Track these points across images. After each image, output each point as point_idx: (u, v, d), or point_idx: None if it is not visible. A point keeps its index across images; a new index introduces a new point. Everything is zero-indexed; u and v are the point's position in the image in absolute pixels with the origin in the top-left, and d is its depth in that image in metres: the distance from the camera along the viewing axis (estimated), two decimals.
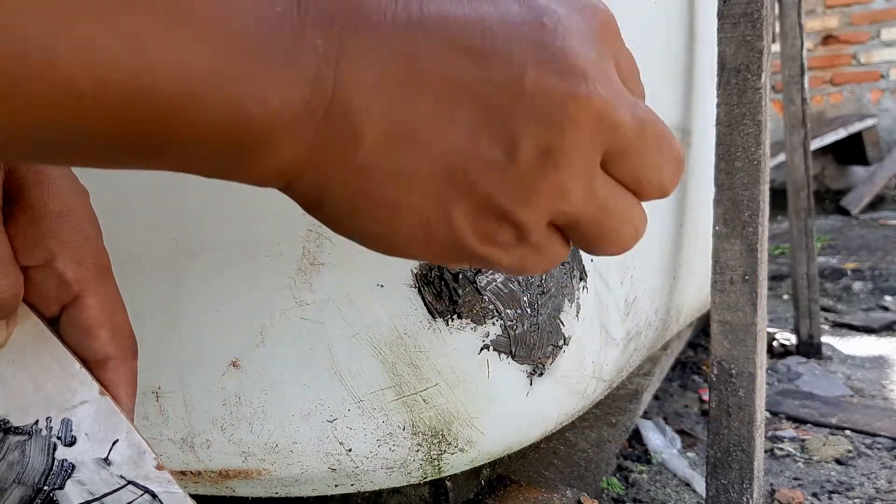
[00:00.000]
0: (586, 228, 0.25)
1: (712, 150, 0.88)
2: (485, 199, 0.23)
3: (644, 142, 0.24)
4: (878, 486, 1.09)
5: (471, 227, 0.24)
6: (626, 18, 0.72)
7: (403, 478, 0.57)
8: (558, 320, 0.57)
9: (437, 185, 0.23)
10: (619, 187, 0.26)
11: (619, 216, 0.26)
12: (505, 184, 0.23)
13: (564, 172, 0.23)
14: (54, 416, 0.30)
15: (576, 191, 0.24)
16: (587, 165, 0.24)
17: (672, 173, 0.26)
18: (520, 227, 0.24)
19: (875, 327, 2.05)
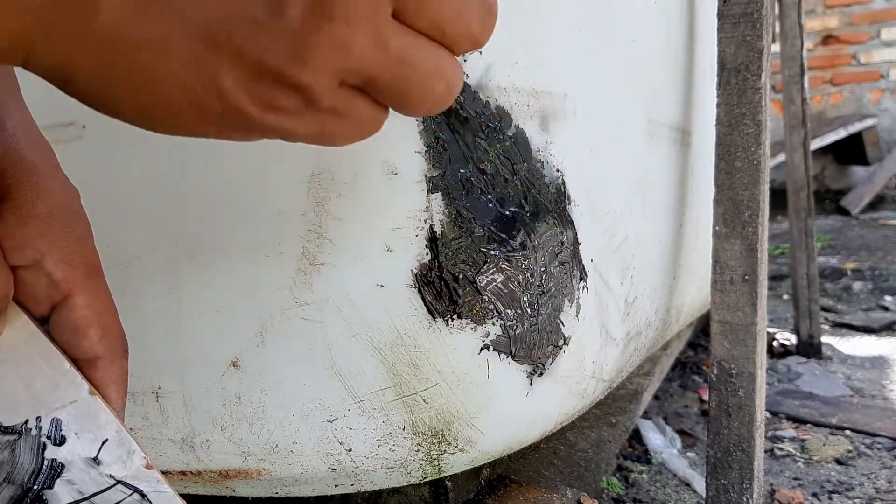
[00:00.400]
0: (387, 86, 0.23)
1: (712, 151, 0.88)
2: (255, 61, 0.21)
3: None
4: (878, 486, 1.09)
5: (245, 93, 0.22)
6: (626, 18, 0.72)
7: (403, 478, 0.57)
8: (558, 320, 0.57)
9: (196, 51, 0.21)
10: (421, 38, 0.23)
11: (424, 69, 0.23)
12: (274, 43, 0.21)
13: (340, 24, 0.21)
14: (44, 416, 0.30)
15: (360, 44, 0.21)
16: (369, 14, 0.21)
17: (480, 17, 0.24)
18: (303, 90, 0.22)
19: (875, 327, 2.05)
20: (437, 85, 0.24)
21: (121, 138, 0.54)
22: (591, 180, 0.62)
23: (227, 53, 0.21)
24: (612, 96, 0.68)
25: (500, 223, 0.53)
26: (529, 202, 0.55)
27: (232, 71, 0.21)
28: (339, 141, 0.25)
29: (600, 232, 0.64)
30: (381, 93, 0.24)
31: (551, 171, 0.57)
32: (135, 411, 0.57)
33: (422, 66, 0.23)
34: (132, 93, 0.22)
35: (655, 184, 0.82)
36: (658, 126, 0.81)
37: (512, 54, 0.54)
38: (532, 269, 0.54)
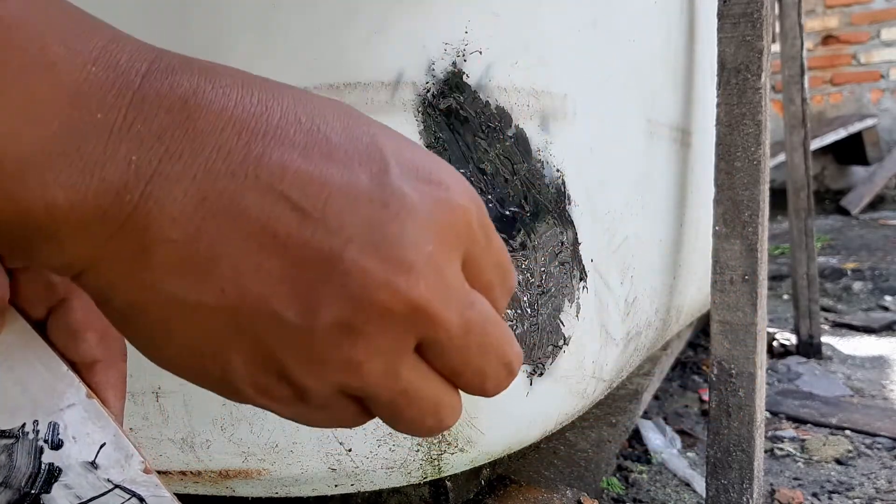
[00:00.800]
0: (380, 406, 0.24)
1: (712, 150, 0.88)
2: (268, 354, 0.22)
3: (467, 342, 0.23)
4: (878, 486, 1.09)
5: (247, 376, 0.23)
6: (626, 19, 0.72)
7: (403, 478, 0.57)
8: (558, 320, 0.57)
9: (220, 326, 0.22)
10: (433, 375, 0.24)
11: (422, 405, 0.24)
12: (292, 346, 0.22)
13: (361, 351, 0.22)
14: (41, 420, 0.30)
15: (371, 370, 0.22)
16: (392, 350, 0.22)
17: (497, 378, 0.25)
18: (300, 390, 0.23)
19: (875, 327, 2.05)
20: (428, 420, 0.25)
21: None
22: (591, 180, 0.62)
23: (245, 338, 0.22)
24: (612, 96, 0.68)
25: (500, 223, 0.53)
26: (529, 202, 0.55)
27: (243, 354, 0.22)
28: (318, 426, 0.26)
29: (600, 232, 0.64)
30: (374, 408, 0.24)
31: (551, 171, 0.57)
32: (135, 411, 0.57)
33: (420, 402, 0.24)
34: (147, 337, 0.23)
35: (655, 184, 0.82)
36: (658, 126, 0.81)
37: (512, 54, 0.54)
38: (532, 269, 0.54)
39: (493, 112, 0.53)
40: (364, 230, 0.21)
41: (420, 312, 0.22)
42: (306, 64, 0.51)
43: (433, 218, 0.22)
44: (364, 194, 0.21)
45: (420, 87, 0.52)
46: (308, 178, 0.21)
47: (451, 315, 0.22)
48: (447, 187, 0.23)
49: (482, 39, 0.53)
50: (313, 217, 0.21)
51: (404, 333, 0.22)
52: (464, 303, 0.23)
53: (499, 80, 0.54)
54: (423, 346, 0.23)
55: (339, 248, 0.21)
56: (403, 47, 0.52)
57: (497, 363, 0.25)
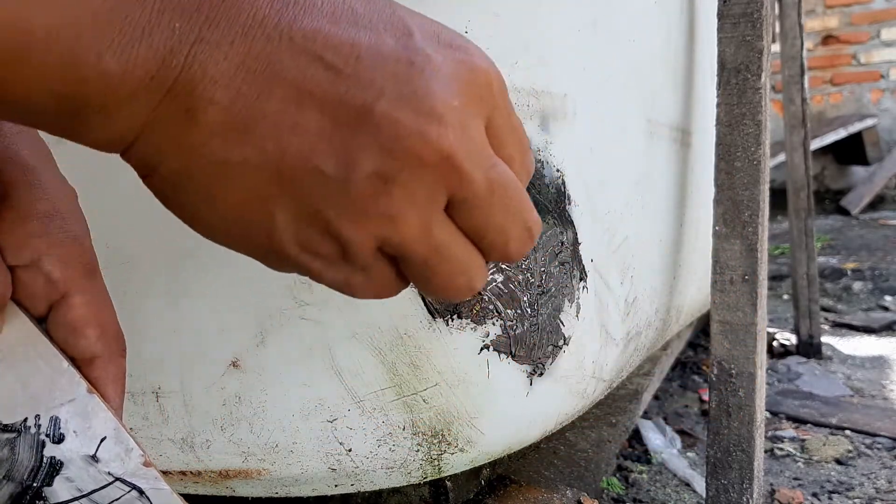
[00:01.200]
0: (416, 265, 0.25)
1: (712, 150, 0.88)
2: (311, 208, 0.23)
3: (491, 201, 0.25)
4: (878, 486, 1.09)
5: (292, 233, 0.24)
6: (626, 18, 0.72)
7: (403, 478, 0.57)
8: (558, 320, 0.57)
9: (264, 183, 0.23)
10: (461, 236, 0.25)
11: (453, 264, 0.25)
12: (335, 198, 0.23)
13: (398, 202, 0.23)
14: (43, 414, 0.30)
15: (407, 222, 0.24)
16: (425, 202, 0.24)
17: (519, 240, 0.26)
18: (344, 245, 0.24)
19: (875, 327, 2.05)
20: (459, 280, 0.26)
21: None
22: (591, 180, 0.62)
23: (289, 195, 0.23)
24: (612, 96, 0.68)
25: None
26: None
27: (288, 211, 0.23)
28: (357, 294, 0.27)
29: (600, 232, 0.64)
30: (409, 269, 0.26)
31: (551, 171, 0.57)
32: (135, 411, 0.57)
33: (452, 261, 0.25)
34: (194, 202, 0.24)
35: (655, 184, 0.82)
36: (658, 126, 0.81)
37: (512, 54, 0.54)
38: (532, 269, 0.54)
39: None
40: (394, 84, 0.22)
41: (449, 163, 0.23)
42: None
43: (457, 77, 0.24)
44: (391, 54, 0.23)
45: None
46: (338, 40, 0.22)
47: (477, 172, 0.24)
48: (469, 52, 0.24)
49: (482, 39, 0.53)
50: (345, 74, 0.22)
51: (435, 185, 0.23)
52: (488, 162, 0.24)
53: None
54: (451, 205, 0.24)
55: (372, 101, 0.22)
56: None
57: (519, 225, 0.26)
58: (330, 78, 0.22)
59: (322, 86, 0.22)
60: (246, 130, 0.22)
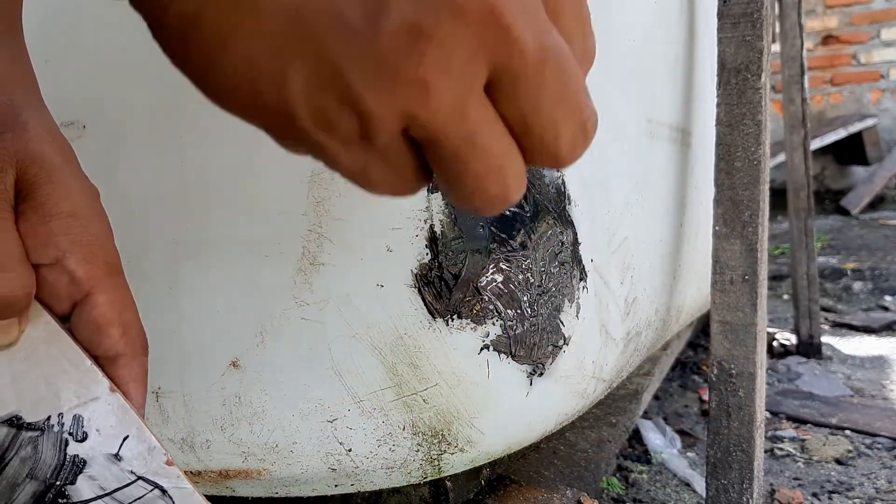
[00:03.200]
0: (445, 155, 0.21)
1: (712, 150, 0.88)
2: (331, 68, 0.20)
3: (542, 77, 0.20)
4: (878, 486, 1.09)
5: (307, 99, 0.20)
6: (626, 18, 0.72)
7: (403, 478, 0.57)
8: (558, 320, 0.57)
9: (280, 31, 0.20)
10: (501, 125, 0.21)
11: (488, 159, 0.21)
12: (357, 56, 0.19)
13: (431, 66, 0.19)
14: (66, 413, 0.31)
15: (440, 95, 0.20)
16: (462, 71, 0.20)
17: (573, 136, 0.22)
18: (365, 118, 0.20)
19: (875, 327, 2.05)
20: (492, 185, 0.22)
21: (121, 138, 0.54)
22: (591, 180, 0.62)
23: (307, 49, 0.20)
24: (611, 96, 0.68)
25: (500, 223, 0.53)
26: (529, 202, 0.55)
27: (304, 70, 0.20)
28: (374, 186, 0.23)
29: (600, 232, 0.64)
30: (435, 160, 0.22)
31: (551, 171, 0.57)
32: None
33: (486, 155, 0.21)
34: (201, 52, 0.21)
35: (655, 184, 0.82)
36: (658, 126, 0.81)
37: None
38: (532, 269, 0.54)
39: None
40: None
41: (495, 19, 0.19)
42: None
43: None
44: None
45: None
46: None
47: (528, 35, 0.20)
48: None
49: None
50: None
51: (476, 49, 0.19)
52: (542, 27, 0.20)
53: None
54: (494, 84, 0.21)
55: None
56: None
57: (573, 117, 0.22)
58: None
59: None
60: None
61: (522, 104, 0.21)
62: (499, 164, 0.21)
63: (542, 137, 0.22)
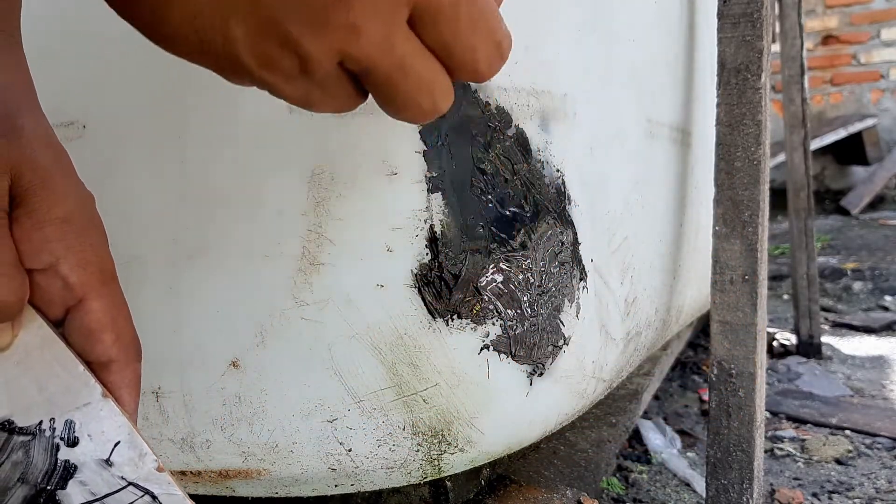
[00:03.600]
0: (378, 82, 0.24)
1: (712, 150, 0.88)
2: (269, 18, 0.22)
3: (457, 12, 0.23)
4: (878, 486, 1.09)
5: (250, 45, 0.22)
6: (626, 18, 0.72)
7: (403, 478, 0.57)
8: (558, 320, 0.57)
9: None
10: (426, 52, 0.24)
11: (418, 81, 0.24)
12: (293, 6, 0.21)
13: (359, 11, 0.22)
14: (58, 417, 0.30)
15: (370, 35, 0.22)
16: (387, 12, 0.22)
17: (489, 55, 0.25)
18: (304, 59, 0.23)
19: (875, 327, 2.05)
20: (424, 100, 0.25)
21: (120, 138, 0.54)
22: (591, 180, 0.62)
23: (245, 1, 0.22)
24: (612, 96, 0.68)
25: (500, 223, 0.53)
26: (529, 202, 0.55)
27: (245, 21, 0.22)
28: (316, 108, 0.26)
29: (600, 232, 0.64)
30: (371, 86, 0.25)
31: (551, 171, 0.57)
32: None
33: (415, 78, 0.24)
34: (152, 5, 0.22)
35: (655, 184, 0.82)
36: (658, 126, 0.81)
37: (512, 54, 0.54)
38: (532, 269, 0.54)
39: (493, 112, 0.53)
40: None
41: None
42: None
43: None
44: None
45: None
46: None
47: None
48: None
49: None
50: None
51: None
52: None
53: (499, 80, 0.53)
54: (415, 19, 0.23)
55: None
56: None
57: (488, 40, 0.25)
58: None
59: None
60: None
61: (442, 34, 0.24)
62: (427, 84, 0.24)
63: (462, 59, 0.25)
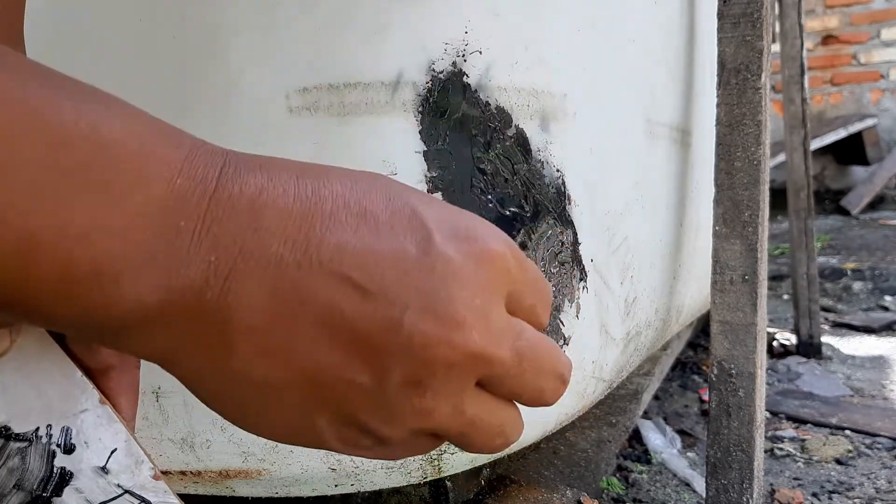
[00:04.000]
0: (452, 437, 0.27)
1: (712, 151, 0.88)
2: (348, 414, 0.25)
3: (521, 369, 0.26)
4: (878, 486, 1.09)
5: (334, 434, 0.25)
6: (626, 18, 0.72)
7: (403, 478, 0.57)
8: (558, 320, 0.57)
9: (303, 398, 0.24)
10: (495, 403, 0.27)
11: (488, 430, 0.27)
12: (369, 405, 0.24)
13: (429, 399, 0.24)
14: (55, 424, 0.30)
15: (441, 412, 0.25)
16: (456, 393, 0.25)
17: (553, 390, 0.28)
18: (381, 439, 0.26)
19: (875, 327, 2.05)
20: (496, 441, 0.27)
21: None
22: (591, 180, 0.62)
23: (327, 404, 0.25)
24: (612, 96, 0.68)
25: (500, 223, 0.53)
26: (529, 202, 0.55)
27: (327, 417, 0.25)
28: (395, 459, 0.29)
29: (600, 232, 0.64)
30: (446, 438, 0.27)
31: (551, 171, 0.57)
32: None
33: (487, 428, 0.27)
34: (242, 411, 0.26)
35: (655, 184, 0.82)
36: (658, 126, 0.81)
37: (512, 54, 0.54)
38: None
39: (494, 112, 0.53)
40: (418, 297, 0.24)
41: (477, 358, 0.24)
42: (307, 63, 0.51)
43: (476, 273, 0.25)
44: (413, 264, 0.24)
45: (420, 87, 0.52)
46: (363, 257, 0.23)
47: (504, 352, 0.25)
48: (484, 241, 0.25)
49: (482, 39, 0.53)
50: (373, 292, 0.23)
51: (465, 377, 0.25)
52: (513, 337, 0.26)
53: (499, 80, 0.53)
54: (483, 381, 0.26)
55: (399, 316, 0.23)
56: (403, 47, 0.52)
57: (552, 378, 0.27)
58: (358, 297, 0.23)
59: (352, 305, 0.23)
60: (283, 352, 0.23)
61: (510, 389, 0.26)
62: (497, 428, 0.27)
63: (530, 400, 0.27)
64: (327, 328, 0.23)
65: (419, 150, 0.51)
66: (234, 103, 0.51)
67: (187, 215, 0.22)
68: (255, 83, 0.51)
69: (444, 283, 0.24)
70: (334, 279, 0.23)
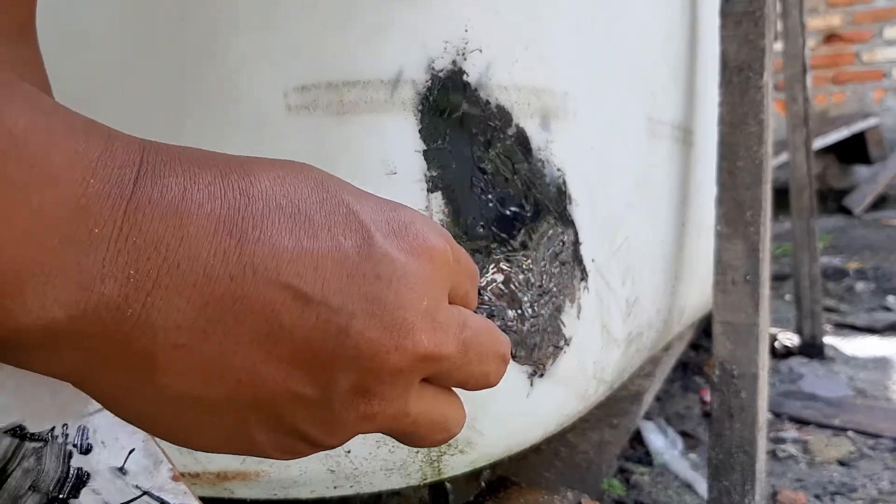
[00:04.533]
0: (394, 436, 0.26)
1: (714, 150, 0.87)
2: (289, 426, 0.24)
3: (468, 359, 0.25)
4: (881, 487, 1.09)
5: (273, 444, 0.24)
6: (628, 17, 0.71)
7: (403, 479, 0.57)
8: (559, 321, 0.57)
9: (240, 413, 0.23)
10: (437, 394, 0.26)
11: (431, 426, 0.26)
12: (312, 416, 0.23)
13: (376, 405, 0.24)
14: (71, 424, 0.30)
15: (384, 416, 0.24)
16: (402, 395, 0.24)
17: (497, 371, 0.27)
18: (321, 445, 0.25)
19: (878, 328, 2.04)
20: (438, 436, 0.27)
21: None
22: (592, 179, 0.62)
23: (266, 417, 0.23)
24: (613, 95, 0.67)
25: (500, 223, 0.53)
26: (530, 202, 0.54)
27: (266, 429, 0.24)
28: None
29: (601, 232, 0.63)
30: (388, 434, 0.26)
31: (552, 171, 0.56)
32: None
33: (431, 425, 0.26)
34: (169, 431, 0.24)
35: (657, 183, 0.81)
36: (659, 125, 0.81)
37: (512, 52, 0.54)
38: (532, 269, 0.54)
39: (494, 111, 0.53)
40: (363, 303, 0.22)
41: (426, 359, 0.24)
42: (306, 62, 0.51)
43: (420, 271, 0.24)
44: (355, 267, 0.22)
45: (420, 85, 0.51)
46: (302, 263, 0.22)
47: (451, 347, 0.24)
48: (424, 237, 0.24)
49: (482, 37, 0.53)
50: (314, 300, 0.22)
51: (413, 378, 0.24)
52: (458, 330, 0.25)
53: (499, 79, 0.53)
54: (431, 377, 0.25)
55: (345, 324, 0.22)
56: (403, 45, 0.51)
57: (494, 360, 0.27)
58: (298, 307, 0.21)
59: (292, 315, 0.21)
60: (217, 368, 0.22)
61: (457, 378, 0.26)
62: (440, 423, 0.26)
63: (475, 386, 0.27)
64: (266, 341, 0.21)
65: (419, 149, 0.51)
66: (232, 102, 0.51)
67: (101, 221, 0.19)
68: (254, 81, 0.51)
69: (389, 287, 0.23)
70: (271, 289, 0.21)
